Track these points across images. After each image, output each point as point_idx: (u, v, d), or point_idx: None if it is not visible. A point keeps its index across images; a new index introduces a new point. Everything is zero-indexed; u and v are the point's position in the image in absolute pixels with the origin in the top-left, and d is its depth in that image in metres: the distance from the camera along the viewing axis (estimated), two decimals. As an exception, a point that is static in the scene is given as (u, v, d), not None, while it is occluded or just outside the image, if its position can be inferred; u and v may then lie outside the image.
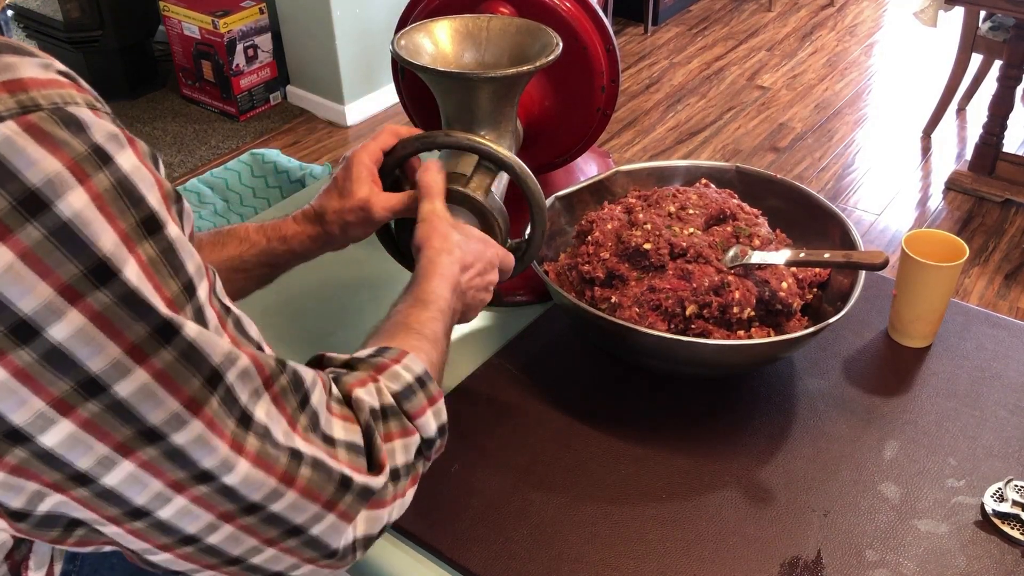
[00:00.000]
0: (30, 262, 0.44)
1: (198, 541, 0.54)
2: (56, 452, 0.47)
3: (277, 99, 3.56)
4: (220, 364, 0.50)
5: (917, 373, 1.04)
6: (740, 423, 0.97)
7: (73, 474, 0.48)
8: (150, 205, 0.48)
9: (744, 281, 0.95)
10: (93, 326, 0.45)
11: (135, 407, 0.47)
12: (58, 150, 0.44)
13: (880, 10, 4.37)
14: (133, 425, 0.48)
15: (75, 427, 0.47)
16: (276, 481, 0.54)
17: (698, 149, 3.29)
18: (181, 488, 0.51)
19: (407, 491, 0.65)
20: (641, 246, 0.97)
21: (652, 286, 0.95)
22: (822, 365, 1.05)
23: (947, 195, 3.04)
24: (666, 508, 0.87)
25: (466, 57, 0.95)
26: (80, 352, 0.45)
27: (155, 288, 0.47)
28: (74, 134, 0.45)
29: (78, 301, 0.45)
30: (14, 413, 0.46)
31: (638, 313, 0.95)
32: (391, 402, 0.64)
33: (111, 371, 0.46)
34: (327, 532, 0.57)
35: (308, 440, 0.56)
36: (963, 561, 0.82)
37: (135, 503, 0.51)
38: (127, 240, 0.46)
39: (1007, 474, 0.90)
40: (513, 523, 0.86)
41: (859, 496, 0.89)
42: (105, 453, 0.48)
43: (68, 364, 0.45)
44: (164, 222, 0.49)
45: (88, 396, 0.46)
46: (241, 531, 0.54)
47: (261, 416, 0.53)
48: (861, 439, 0.95)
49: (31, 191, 0.43)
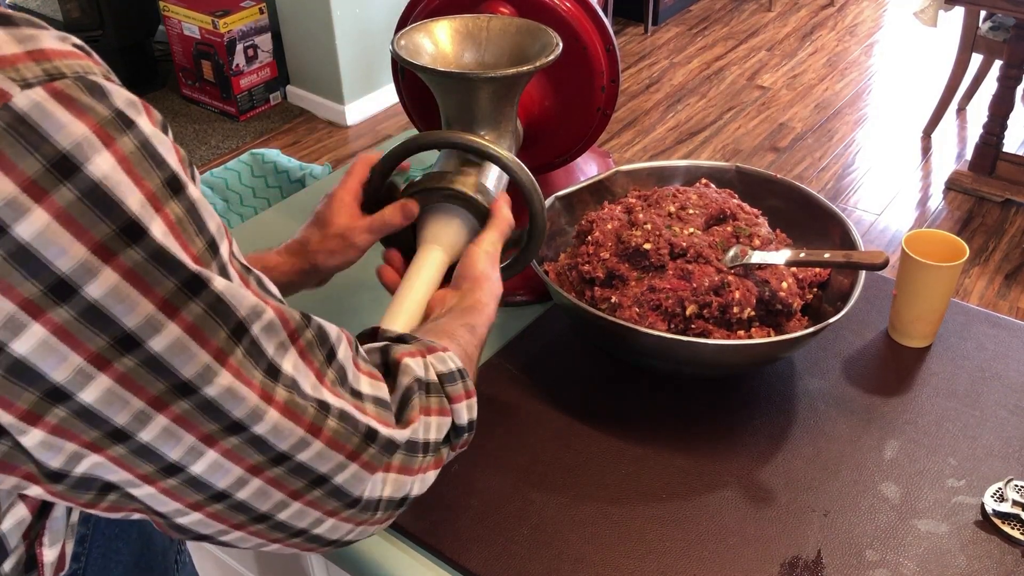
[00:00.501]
0: (65, 222, 0.45)
1: (228, 497, 0.55)
2: (95, 408, 0.49)
3: (277, 99, 3.56)
4: (246, 316, 0.52)
5: (917, 373, 1.04)
6: (740, 423, 0.97)
7: (111, 431, 0.50)
8: (172, 167, 0.49)
9: (744, 281, 0.95)
10: (126, 283, 0.47)
11: (169, 361, 0.49)
12: (84, 115, 0.46)
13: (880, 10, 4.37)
14: (167, 379, 0.49)
15: (112, 382, 0.48)
16: (304, 431, 0.55)
17: (698, 149, 3.29)
18: (213, 441, 0.52)
19: (429, 471, 0.67)
20: (641, 246, 0.97)
21: (652, 286, 0.95)
22: (822, 365, 1.05)
23: (947, 195, 3.04)
24: (666, 508, 0.87)
25: (466, 57, 0.95)
26: (115, 309, 0.47)
27: (182, 245, 0.49)
28: (98, 100, 0.47)
29: (112, 259, 0.46)
30: (55, 370, 0.47)
31: (638, 313, 0.95)
32: (435, 379, 0.67)
33: (145, 326, 0.48)
34: (350, 481, 0.59)
35: (336, 393, 0.58)
36: (963, 561, 0.82)
37: (169, 458, 0.52)
38: (154, 200, 0.48)
39: (1007, 474, 0.90)
40: (513, 523, 0.86)
41: (859, 496, 0.89)
42: (141, 408, 0.49)
43: (105, 321, 0.47)
44: (185, 183, 0.50)
45: (124, 351, 0.48)
46: (269, 484, 0.56)
47: (288, 368, 0.54)
48: (861, 439, 0.95)
49: (63, 154, 0.45)
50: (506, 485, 0.90)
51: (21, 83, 0.45)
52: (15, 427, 0.48)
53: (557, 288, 0.97)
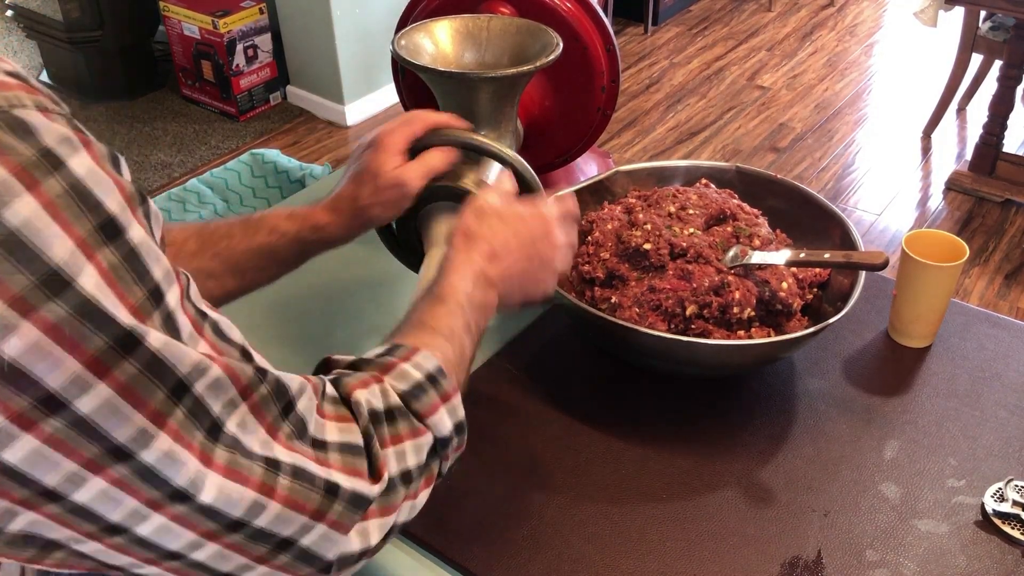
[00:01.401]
0: None
1: (183, 557, 0.52)
2: (20, 468, 0.45)
3: (277, 99, 3.56)
4: (187, 375, 0.48)
5: (917, 373, 1.04)
6: (740, 423, 0.97)
7: (42, 491, 0.46)
8: (108, 209, 0.45)
9: (744, 281, 0.95)
10: (48, 339, 0.43)
11: (99, 424, 0.46)
12: (3, 156, 0.42)
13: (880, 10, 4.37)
14: (99, 443, 0.46)
15: (39, 443, 0.45)
16: (255, 493, 0.51)
17: (698, 149, 3.29)
18: (157, 506, 0.49)
19: (419, 493, 0.63)
20: (641, 246, 0.97)
21: (652, 286, 0.95)
22: (822, 365, 1.05)
23: (947, 195, 3.04)
24: (666, 508, 0.87)
25: (466, 57, 0.95)
26: (36, 368, 0.43)
27: (117, 296, 0.45)
28: (20, 139, 0.43)
29: (30, 314, 0.42)
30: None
31: (638, 313, 0.95)
32: (398, 402, 0.62)
33: (70, 387, 0.44)
34: (319, 543, 0.55)
35: (291, 448, 0.54)
36: (963, 561, 0.82)
37: (110, 520, 0.49)
38: (84, 246, 0.44)
39: (1007, 474, 0.90)
40: (513, 523, 0.86)
41: (859, 496, 0.88)
42: (73, 470, 0.46)
43: (25, 381, 0.43)
44: (125, 226, 0.46)
45: (49, 412, 0.44)
46: (228, 549, 0.52)
47: (232, 427, 0.51)
48: (861, 439, 0.95)
49: None
50: (506, 485, 0.90)
51: None
52: None
53: (557, 288, 0.97)
